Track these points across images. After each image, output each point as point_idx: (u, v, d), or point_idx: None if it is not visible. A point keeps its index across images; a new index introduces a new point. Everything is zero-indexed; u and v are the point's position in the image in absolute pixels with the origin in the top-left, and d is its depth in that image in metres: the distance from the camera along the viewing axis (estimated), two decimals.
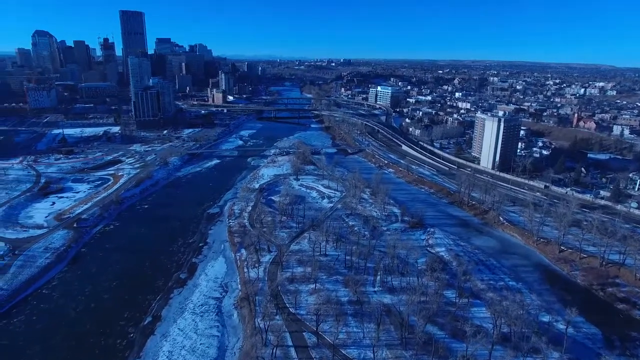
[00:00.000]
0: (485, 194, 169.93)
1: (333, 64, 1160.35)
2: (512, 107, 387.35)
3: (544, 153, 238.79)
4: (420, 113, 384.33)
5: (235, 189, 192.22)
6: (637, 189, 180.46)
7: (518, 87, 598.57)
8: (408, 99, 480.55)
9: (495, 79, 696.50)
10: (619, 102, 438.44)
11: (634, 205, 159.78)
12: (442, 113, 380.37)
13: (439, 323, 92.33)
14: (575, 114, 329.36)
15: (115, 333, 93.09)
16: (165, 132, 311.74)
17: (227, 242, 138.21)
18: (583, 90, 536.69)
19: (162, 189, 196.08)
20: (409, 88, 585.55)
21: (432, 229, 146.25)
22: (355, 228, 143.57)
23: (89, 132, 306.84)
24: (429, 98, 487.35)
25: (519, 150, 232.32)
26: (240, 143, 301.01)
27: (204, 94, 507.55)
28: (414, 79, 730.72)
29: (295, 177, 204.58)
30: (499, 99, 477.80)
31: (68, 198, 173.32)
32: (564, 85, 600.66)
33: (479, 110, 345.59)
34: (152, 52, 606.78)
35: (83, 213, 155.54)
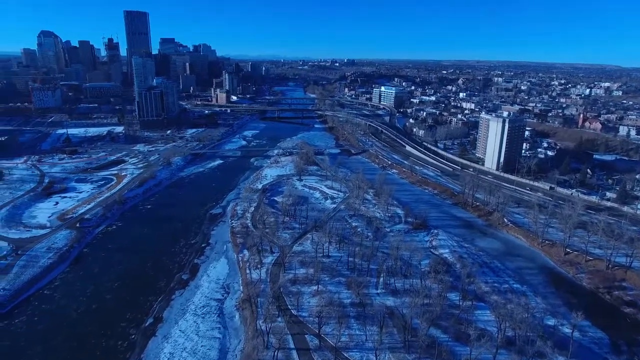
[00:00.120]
0: (490, 195, 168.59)
1: (337, 64, 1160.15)
2: (516, 107, 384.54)
3: (549, 154, 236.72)
4: (424, 113, 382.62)
5: (238, 190, 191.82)
6: None
7: (523, 87, 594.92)
8: (412, 99, 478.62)
9: (500, 79, 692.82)
10: (625, 102, 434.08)
11: None
12: (446, 113, 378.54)
13: (443, 326, 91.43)
14: (581, 115, 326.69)
15: (117, 334, 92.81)
16: (169, 132, 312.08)
17: (229, 242, 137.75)
18: (588, 91, 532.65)
19: (165, 189, 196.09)
20: (413, 88, 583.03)
21: (435, 231, 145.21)
22: (359, 229, 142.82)
23: (93, 132, 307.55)
24: (433, 98, 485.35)
25: (524, 151, 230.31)
26: (244, 143, 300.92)
27: (208, 94, 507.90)
28: (418, 79, 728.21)
29: (299, 177, 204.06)
30: (504, 100, 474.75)
31: (71, 198, 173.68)
32: (569, 86, 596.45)
33: (484, 111, 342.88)
34: (156, 52, 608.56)
35: (86, 213, 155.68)
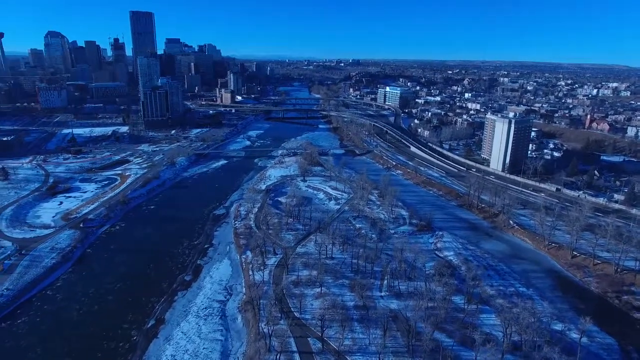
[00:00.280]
0: (495, 197, 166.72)
1: (342, 64, 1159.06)
2: (522, 108, 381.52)
3: (556, 155, 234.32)
4: (429, 114, 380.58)
5: (242, 190, 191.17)
6: None
7: (529, 87, 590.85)
8: (417, 100, 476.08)
9: (506, 80, 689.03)
10: (634, 103, 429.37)
11: None
12: (451, 114, 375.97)
13: (447, 330, 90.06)
14: (588, 115, 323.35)
15: (118, 336, 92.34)
16: (173, 132, 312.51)
17: (232, 244, 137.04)
18: (596, 91, 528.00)
19: (168, 190, 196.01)
20: (418, 88, 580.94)
21: (440, 232, 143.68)
22: (362, 231, 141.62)
23: (98, 132, 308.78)
24: (438, 99, 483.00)
25: (530, 152, 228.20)
26: (248, 143, 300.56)
27: (213, 94, 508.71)
28: (423, 80, 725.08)
29: (303, 178, 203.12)
30: (510, 100, 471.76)
31: (75, 198, 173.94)
32: (576, 86, 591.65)
33: (489, 111, 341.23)
34: (161, 52, 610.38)
35: (90, 213, 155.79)
